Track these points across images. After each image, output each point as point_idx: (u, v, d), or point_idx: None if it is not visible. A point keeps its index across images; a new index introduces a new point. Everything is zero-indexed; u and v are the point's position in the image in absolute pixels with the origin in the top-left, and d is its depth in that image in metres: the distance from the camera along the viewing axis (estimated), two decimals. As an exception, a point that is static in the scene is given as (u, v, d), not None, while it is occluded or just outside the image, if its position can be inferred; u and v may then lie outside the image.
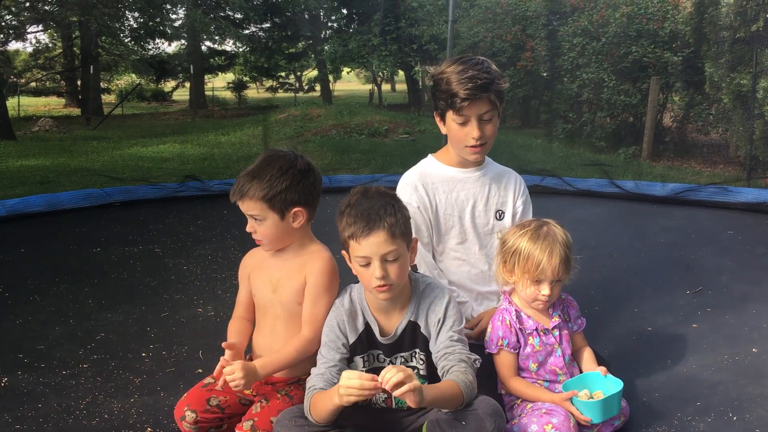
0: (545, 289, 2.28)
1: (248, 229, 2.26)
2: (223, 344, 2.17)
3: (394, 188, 2.67)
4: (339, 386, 1.88)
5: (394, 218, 2.05)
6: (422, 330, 2.18)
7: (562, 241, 2.29)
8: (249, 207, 2.21)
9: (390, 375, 1.81)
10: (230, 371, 2.07)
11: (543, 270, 2.25)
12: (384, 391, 1.83)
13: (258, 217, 2.21)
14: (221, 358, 2.16)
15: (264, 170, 2.19)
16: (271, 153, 2.29)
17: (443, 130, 2.61)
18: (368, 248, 2.03)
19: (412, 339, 2.19)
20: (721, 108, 10.13)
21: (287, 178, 2.19)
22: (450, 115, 2.52)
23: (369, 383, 1.83)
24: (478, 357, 2.14)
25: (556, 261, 2.25)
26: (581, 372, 2.43)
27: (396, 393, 1.81)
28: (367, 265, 2.06)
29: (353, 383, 1.83)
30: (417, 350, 2.19)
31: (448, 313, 2.17)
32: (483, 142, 2.53)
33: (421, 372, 2.19)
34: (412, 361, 2.20)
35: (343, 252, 2.16)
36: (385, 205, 2.07)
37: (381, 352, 2.19)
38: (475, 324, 2.56)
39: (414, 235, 2.22)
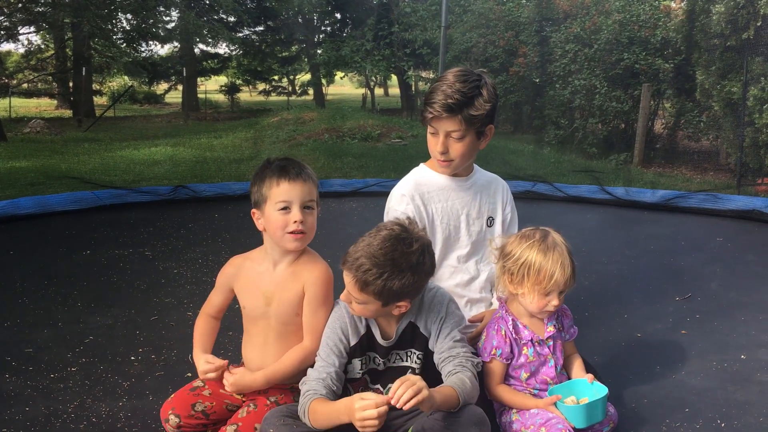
0: (555, 300, 2.25)
1: (294, 219, 2.19)
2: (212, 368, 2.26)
3: (387, 193, 2.68)
4: (354, 413, 1.88)
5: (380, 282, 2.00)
6: (421, 330, 2.19)
7: (568, 251, 2.26)
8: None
9: (401, 392, 1.83)
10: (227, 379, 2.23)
11: (556, 282, 2.21)
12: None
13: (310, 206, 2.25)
14: (206, 364, 2.26)
15: None
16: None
17: None
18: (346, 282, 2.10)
19: (411, 339, 2.21)
20: (712, 115, 10.21)
21: None
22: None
23: (384, 408, 1.86)
24: (480, 360, 2.19)
25: (569, 272, 2.22)
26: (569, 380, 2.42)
27: (407, 406, 1.84)
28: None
29: (370, 414, 1.85)
30: (413, 349, 2.21)
31: (449, 310, 2.20)
32: (449, 159, 2.53)
33: (417, 372, 2.20)
34: (406, 360, 2.22)
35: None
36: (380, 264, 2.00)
37: (377, 354, 2.21)
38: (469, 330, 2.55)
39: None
